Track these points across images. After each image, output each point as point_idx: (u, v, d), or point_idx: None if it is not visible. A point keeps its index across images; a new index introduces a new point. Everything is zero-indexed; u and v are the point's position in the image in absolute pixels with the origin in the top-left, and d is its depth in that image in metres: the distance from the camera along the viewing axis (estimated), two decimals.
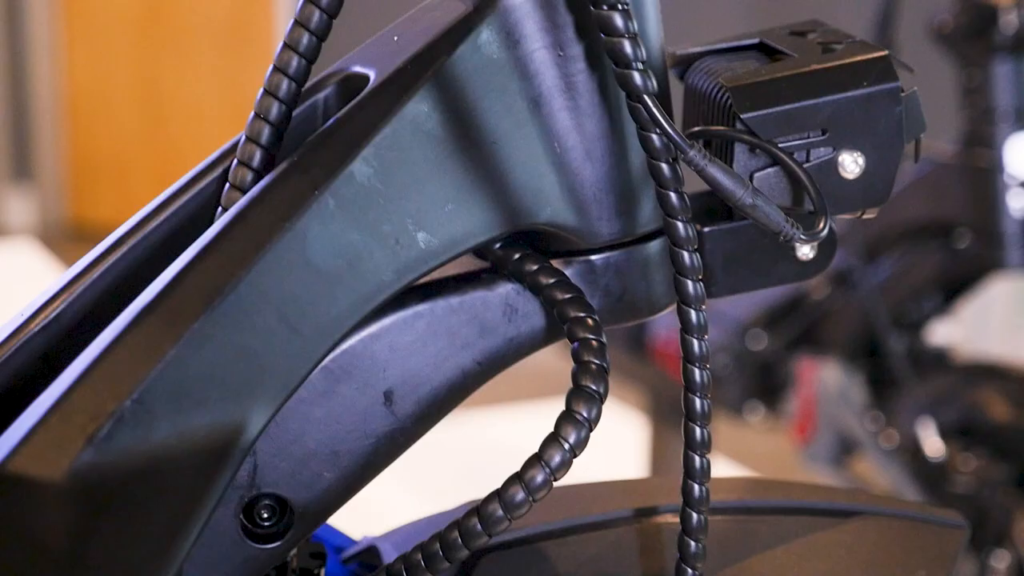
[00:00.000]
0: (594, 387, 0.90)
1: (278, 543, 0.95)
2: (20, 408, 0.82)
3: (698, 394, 0.92)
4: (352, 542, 1.14)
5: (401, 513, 1.37)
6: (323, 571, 1.05)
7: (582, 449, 0.90)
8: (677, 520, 0.96)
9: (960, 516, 1.15)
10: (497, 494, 0.90)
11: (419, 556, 0.93)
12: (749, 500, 1.11)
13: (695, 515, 0.95)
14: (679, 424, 0.95)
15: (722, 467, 3.93)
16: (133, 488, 0.80)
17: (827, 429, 2.70)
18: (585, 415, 0.89)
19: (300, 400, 0.94)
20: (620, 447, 4.02)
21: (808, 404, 2.75)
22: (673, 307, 0.97)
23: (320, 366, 0.93)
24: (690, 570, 0.96)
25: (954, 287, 2.68)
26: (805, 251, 1.01)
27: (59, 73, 7.29)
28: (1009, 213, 2.48)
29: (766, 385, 2.88)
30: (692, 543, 0.96)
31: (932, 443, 2.53)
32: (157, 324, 0.82)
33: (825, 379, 2.72)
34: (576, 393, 0.90)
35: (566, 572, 1.04)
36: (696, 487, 0.95)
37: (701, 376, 0.92)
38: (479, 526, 0.90)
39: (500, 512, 0.90)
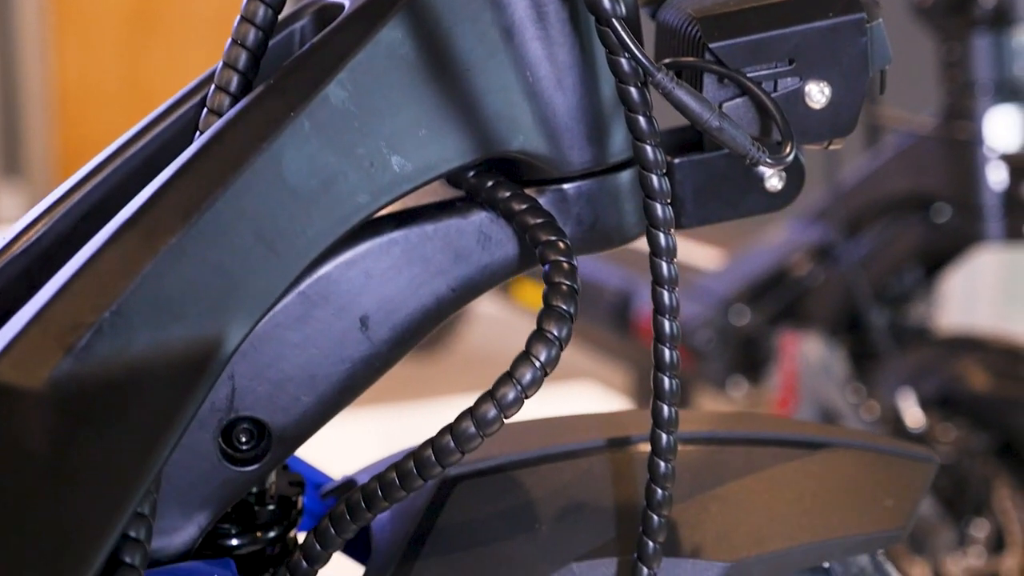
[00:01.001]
0: (565, 307, 0.92)
1: (256, 466, 0.97)
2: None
3: (667, 316, 0.94)
4: (331, 480, 1.15)
5: None
6: (301, 499, 1.07)
7: (552, 367, 0.92)
8: (648, 447, 0.98)
9: (930, 451, 1.17)
10: (469, 412, 0.92)
11: (393, 475, 0.95)
12: (720, 431, 1.13)
13: (664, 436, 0.97)
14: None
15: None
16: (112, 397, 0.81)
17: (809, 402, 2.72)
18: (556, 334, 0.91)
19: (277, 325, 0.95)
20: None
21: (790, 378, 2.77)
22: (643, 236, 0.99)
23: (296, 291, 0.95)
24: (659, 490, 0.98)
25: (935, 261, 2.70)
26: (773, 182, 1.03)
27: (49, 68, 7.29)
28: (989, 186, 2.50)
29: (749, 360, 2.90)
30: (661, 464, 0.98)
31: (912, 414, 2.55)
32: (135, 240, 0.84)
33: (807, 353, 2.74)
34: (547, 312, 0.92)
35: (540, 498, 1.06)
36: (665, 408, 0.96)
37: (669, 299, 0.93)
38: (452, 443, 0.92)
39: (472, 429, 0.92)
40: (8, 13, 7.23)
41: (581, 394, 4.39)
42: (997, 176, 2.50)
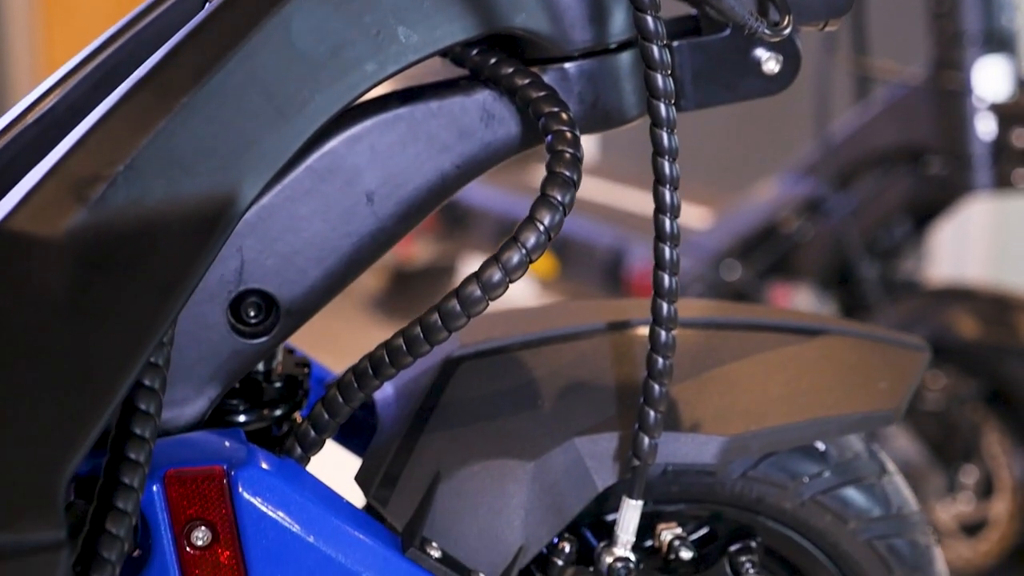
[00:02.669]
0: (568, 174, 0.94)
1: (264, 339, 0.99)
2: None
3: (667, 186, 0.96)
4: (334, 374, 1.17)
5: None
6: (308, 380, 1.09)
7: (556, 232, 0.94)
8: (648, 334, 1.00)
9: (923, 341, 1.19)
10: (475, 276, 0.94)
11: (400, 341, 0.97)
12: (718, 316, 1.15)
13: (663, 333, 0.99)
14: None
15: None
16: (127, 247, 0.83)
17: None
18: (559, 199, 0.93)
19: (286, 199, 0.97)
20: None
21: None
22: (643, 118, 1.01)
23: (304, 165, 0.97)
24: (656, 386, 1.00)
25: (925, 212, 2.72)
26: (771, 66, 1.05)
27: (37, 57, 7.29)
28: (978, 135, 2.52)
29: None
30: (659, 360, 1.00)
31: None
32: (149, 98, 0.86)
33: (798, 306, 2.76)
34: (551, 179, 0.94)
35: (542, 378, 1.08)
36: (664, 305, 0.98)
37: (670, 170, 0.96)
38: (458, 307, 0.94)
39: (478, 292, 0.94)
40: None
41: None
42: (986, 126, 2.51)
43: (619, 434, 1.03)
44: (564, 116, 0.96)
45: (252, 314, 0.99)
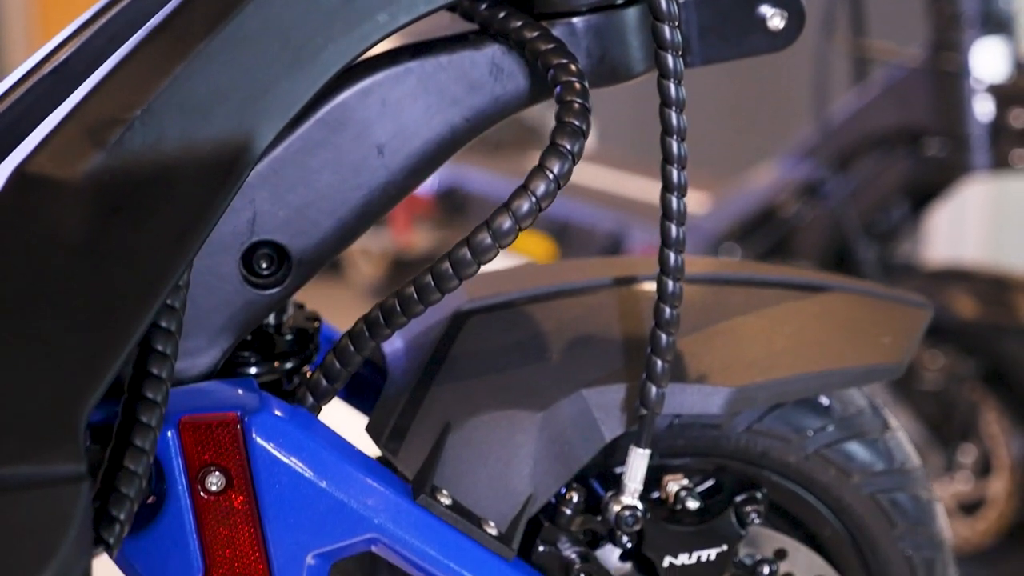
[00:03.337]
0: (577, 123, 0.95)
1: (276, 289, 1.01)
2: None
3: (674, 137, 0.97)
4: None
5: None
6: (318, 335, 1.10)
7: (565, 181, 0.95)
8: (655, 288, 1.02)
9: (926, 300, 1.20)
10: (486, 224, 0.95)
11: (411, 289, 0.98)
12: (724, 273, 1.16)
13: (670, 282, 1.01)
14: None
15: None
16: (144, 190, 0.85)
17: None
18: (568, 147, 0.95)
19: (297, 151, 0.99)
20: None
21: None
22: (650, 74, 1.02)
23: (315, 118, 0.98)
24: (664, 335, 1.01)
25: (923, 194, 2.73)
26: (775, 22, 1.06)
27: (34, 51, 7.29)
28: (976, 116, 2.53)
29: None
30: (667, 309, 1.01)
31: None
32: (166, 44, 0.87)
33: None
34: (560, 128, 0.95)
35: (550, 331, 1.09)
36: (672, 255, 1.00)
37: (677, 121, 0.97)
38: (468, 255, 0.95)
39: (489, 240, 0.95)
40: None
41: None
42: (984, 107, 2.53)
43: (626, 385, 1.04)
44: (573, 67, 0.97)
45: (264, 265, 1.00)
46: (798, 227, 2.87)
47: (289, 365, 1.06)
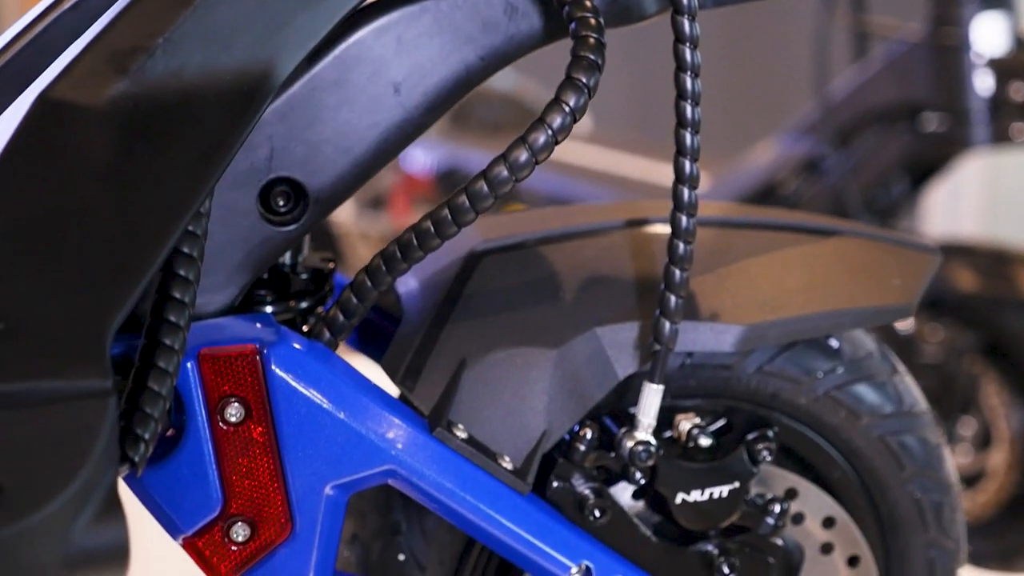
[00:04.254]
0: (593, 56, 0.96)
1: (293, 226, 1.02)
2: None
3: (688, 73, 0.98)
4: None
5: None
6: (333, 276, 1.11)
7: (582, 114, 0.96)
8: (669, 228, 1.03)
9: (935, 246, 1.21)
10: (502, 157, 0.96)
11: (428, 223, 0.99)
12: (735, 216, 1.17)
13: (684, 218, 1.02)
14: None
15: None
16: (166, 117, 0.86)
17: None
18: (584, 81, 0.96)
19: (315, 88, 0.99)
20: None
21: None
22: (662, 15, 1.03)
23: (332, 55, 0.99)
24: (677, 271, 1.03)
25: (923, 169, 2.74)
26: None
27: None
28: (975, 91, 2.54)
29: None
30: (681, 245, 1.02)
31: None
32: None
33: None
34: (576, 63, 0.96)
35: (563, 271, 1.10)
36: (685, 191, 1.01)
37: (691, 57, 0.98)
38: (486, 188, 0.96)
39: (505, 173, 0.96)
40: None
41: None
42: (984, 81, 2.54)
43: (639, 324, 1.05)
44: (588, 3, 0.98)
45: (281, 202, 1.01)
46: (798, 204, 2.87)
47: (304, 304, 1.07)
